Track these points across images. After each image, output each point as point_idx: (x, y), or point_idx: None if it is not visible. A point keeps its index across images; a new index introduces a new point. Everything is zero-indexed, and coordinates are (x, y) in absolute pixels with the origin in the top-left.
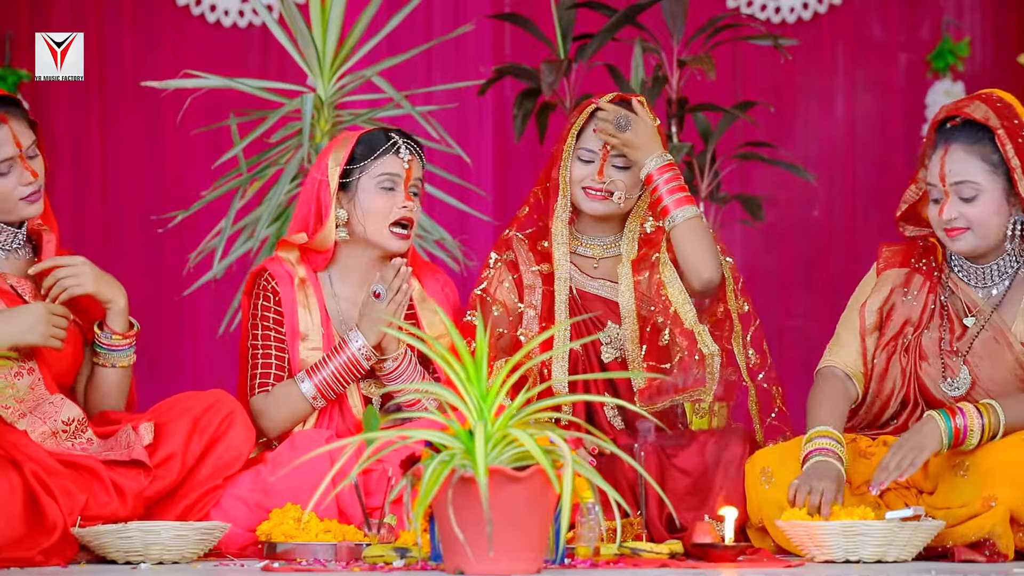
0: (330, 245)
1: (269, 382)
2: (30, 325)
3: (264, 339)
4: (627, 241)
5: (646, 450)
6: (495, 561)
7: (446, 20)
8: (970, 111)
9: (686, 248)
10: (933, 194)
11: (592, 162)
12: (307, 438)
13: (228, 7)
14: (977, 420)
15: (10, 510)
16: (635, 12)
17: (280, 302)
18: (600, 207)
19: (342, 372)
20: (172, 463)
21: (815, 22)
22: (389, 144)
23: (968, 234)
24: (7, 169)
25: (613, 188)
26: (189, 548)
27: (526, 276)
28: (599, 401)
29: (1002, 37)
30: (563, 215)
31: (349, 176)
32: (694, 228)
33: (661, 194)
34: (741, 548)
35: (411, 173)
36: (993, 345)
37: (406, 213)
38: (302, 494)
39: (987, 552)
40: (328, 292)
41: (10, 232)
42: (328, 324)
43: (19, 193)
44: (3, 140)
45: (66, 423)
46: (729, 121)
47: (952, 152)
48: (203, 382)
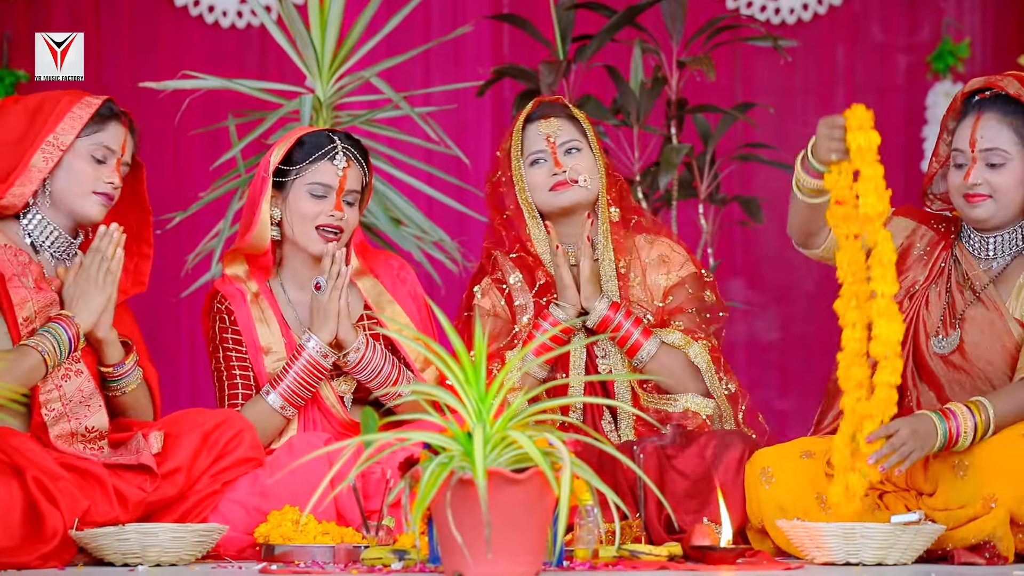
0: (265, 245)
1: (238, 401)
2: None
3: (227, 360)
4: (602, 236)
5: (646, 452)
6: (493, 563)
7: (445, 21)
8: (1003, 85)
9: (666, 376)
10: (958, 159)
11: (544, 161)
12: (305, 441)
13: (226, 8)
14: (969, 421)
15: (9, 519)
16: (634, 13)
17: (236, 321)
18: (571, 195)
19: (304, 376)
20: (177, 476)
21: (815, 23)
22: (324, 151)
23: (989, 202)
24: (103, 157)
25: (574, 174)
26: (187, 550)
27: (517, 298)
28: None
29: (1002, 38)
30: (538, 232)
31: (285, 176)
32: (667, 353)
33: (628, 329)
34: (740, 550)
35: (345, 182)
36: (984, 315)
37: (333, 221)
38: (300, 496)
39: (987, 554)
40: (283, 300)
41: (65, 240)
42: (288, 333)
43: (98, 186)
44: (118, 134)
45: (88, 430)
46: (728, 122)
47: (985, 119)
48: (201, 383)
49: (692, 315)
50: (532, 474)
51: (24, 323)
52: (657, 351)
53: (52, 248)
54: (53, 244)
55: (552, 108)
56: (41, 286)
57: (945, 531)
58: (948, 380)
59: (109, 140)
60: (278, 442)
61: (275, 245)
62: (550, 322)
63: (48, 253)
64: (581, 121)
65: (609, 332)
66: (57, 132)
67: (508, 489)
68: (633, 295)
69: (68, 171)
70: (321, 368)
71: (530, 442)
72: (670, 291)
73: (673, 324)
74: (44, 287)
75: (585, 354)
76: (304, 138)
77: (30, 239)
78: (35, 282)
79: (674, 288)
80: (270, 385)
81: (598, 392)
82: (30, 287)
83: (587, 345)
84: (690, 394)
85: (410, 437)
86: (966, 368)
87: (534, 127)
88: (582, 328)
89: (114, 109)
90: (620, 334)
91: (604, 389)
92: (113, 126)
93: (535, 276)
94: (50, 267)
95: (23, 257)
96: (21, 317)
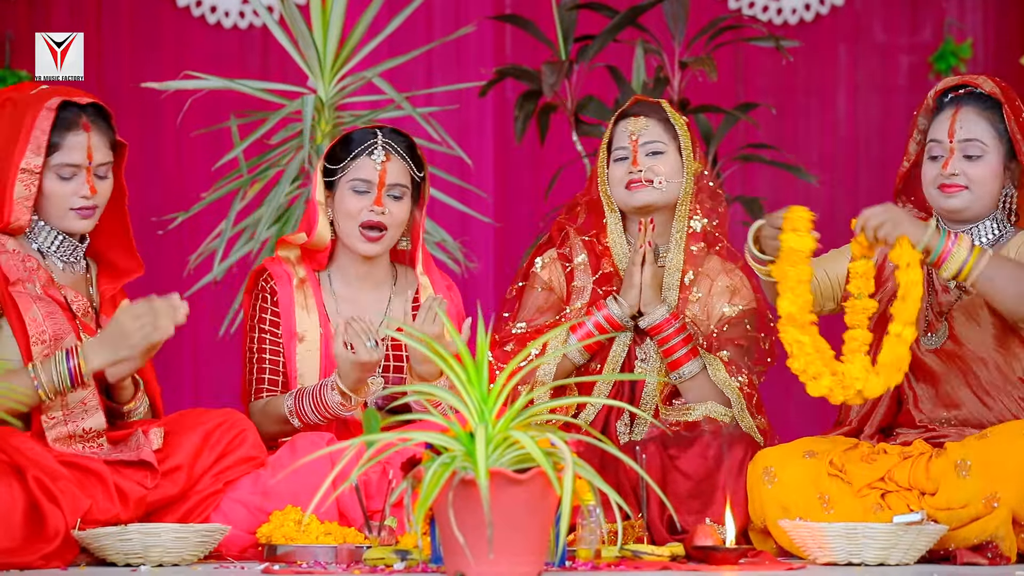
0: (325, 243)
1: (264, 387)
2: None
3: (260, 343)
4: (675, 244)
5: (648, 452)
6: (496, 564)
7: (447, 21)
8: (979, 82)
9: (695, 397)
10: (934, 151)
11: (626, 158)
12: (307, 441)
13: (228, 8)
14: (965, 253)
15: (10, 519)
16: (636, 13)
17: (277, 303)
18: (644, 196)
19: (319, 411)
20: (179, 475)
21: (817, 23)
22: (362, 147)
23: (965, 193)
24: (70, 175)
25: (651, 175)
26: (189, 550)
27: (578, 278)
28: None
29: (1004, 39)
30: (615, 225)
31: (333, 176)
32: (705, 378)
33: (677, 343)
34: (743, 551)
35: (385, 176)
36: (968, 303)
37: (373, 217)
38: (302, 496)
39: (990, 554)
40: (327, 291)
41: (70, 244)
42: (326, 324)
43: (72, 203)
44: (78, 146)
45: (86, 431)
46: (731, 123)
47: (964, 112)
48: (203, 384)
49: (741, 350)
50: (534, 474)
51: (32, 324)
52: (698, 373)
53: (58, 253)
54: (59, 249)
55: (644, 107)
56: (49, 292)
57: (947, 531)
58: (943, 372)
59: (69, 156)
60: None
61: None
62: (604, 314)
63: (55, 258)
64: (676, 125)
65: (658, 339)
66: (27, 156)
67: (510, 489)
68: (691, 311)
69: (42, 193)
70: (332, 414)
71: (532, 442)
72: (729, 322)
73: (719, 355)
74: (52, 293)
75: (625, 353)
76: (348, 135)
77: (36, 244)
78: (43, 288)
79: (734, 320)
80: (294, 394)
81: (626, 391)
82: (37, 293)
83: (630, 345)
84: (709, 402)
85: (412, 437)
86: (959, 354)
87: (623, 124)
88: (632, 328)
89: (68, 117)
90: (667, 345)
91: (632, 390)
92: (71, 137)
93: (600, 263)
94: (59, 271)
95: (31, 263)
96: (28, 319)
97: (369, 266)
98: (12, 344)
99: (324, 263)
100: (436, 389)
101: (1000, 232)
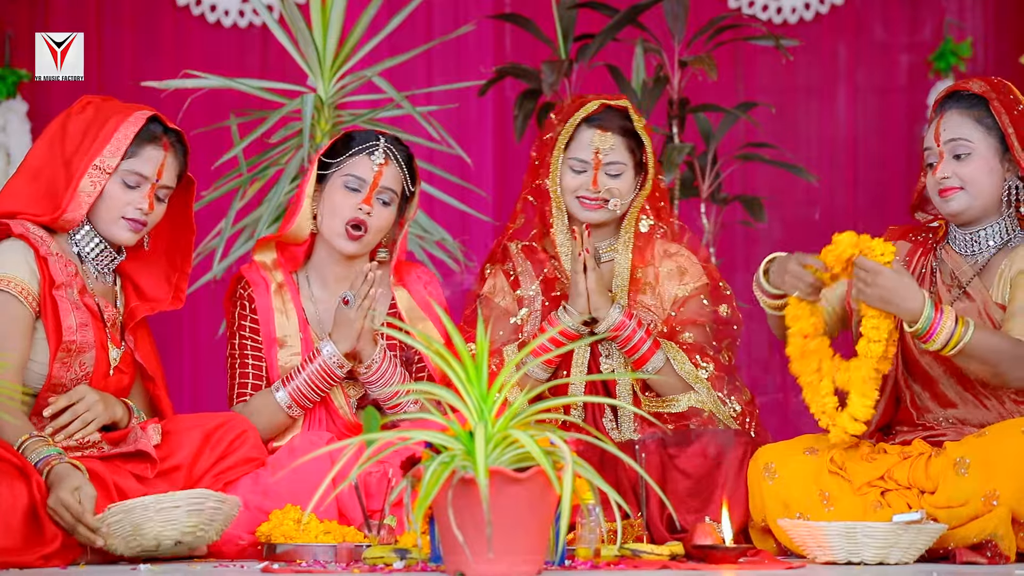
0: (304, 236)
1: (247, 391)
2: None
3: (241, 348)
4: (623, 246)
5: (648, 451)
6: (495, 563)
7: (446, 20)
8: (969, 85)
9: (666, 389)
10: (929, 158)
11: (584, 172)
12: (306, 440)
13: (228, 7)
14: (950, 326)
15: (11, 521)
16: (636, 12)
17: (256, 310)
18: (596, 216)
19: (315, 380)
20: (179, 475)
21: (817, 22)
22: (364, 145)
23: (961, 194)
24: (135, 183)
25: (609, 196)
26: (203, 525)
27: (526, 291)
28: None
29: (1004, 38)
30: (561, 225)
31: (327, 169)
32: (671, 370)
33: (639, 340)
34: (742, 550)
35: (380, 179)
36: (970, 306)
37: (360, 215)
38: (302, 495)
39: (989, 553)
40: (306, 294)
41: (109, 254)
42: (306, 328)
43: (126, 212)
44: (152, 160)
45: (81, 441)
46: (730, 122)
47: (948, 115)
48: (202, 383)
49: (704, 329)
50: (534, 473)
51: (66, 331)
52: (663, 366)
53: (95, 261)
54: (96, 257)
55: (611, 119)
56: (84, 299)
57: (947, 530)
58: (940, 375)
59: (141, 166)
60: (281, 440)
61: (309, 238)
62: (558, 330)
63: (91, 265)
64: (640, 135)
65: (619, 340)
66: (104, 155)
67: (510, 488)
68: (643, 301)
69: (102, 195)
70: (333, 376)
71: (532, 441)
72: (684, 302)
73: (682, 337)
74: (87, 300)
75: (589, 353)
76: (351, 133)
77: (76, 249)
78: (79, 294)
79: (688, 299)
80: (281, 382)
81: (599, 391)
82: (75, 299)
83: (591, 344)
84: (692, 392)
85: (412, 436)
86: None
87: (589, 133)
88: (588, 335)
89: (154, 131)
90: (629, 345)
91: (606, 388)
92: (149, 150)
93: (543, 267)
94: (92, 279)
95: (71, 268)
96: (64, 326)
97: (347, 267)
98: (44, 347)
99: (300, 261)
100: (436, 388)
101: (1009, 236)
